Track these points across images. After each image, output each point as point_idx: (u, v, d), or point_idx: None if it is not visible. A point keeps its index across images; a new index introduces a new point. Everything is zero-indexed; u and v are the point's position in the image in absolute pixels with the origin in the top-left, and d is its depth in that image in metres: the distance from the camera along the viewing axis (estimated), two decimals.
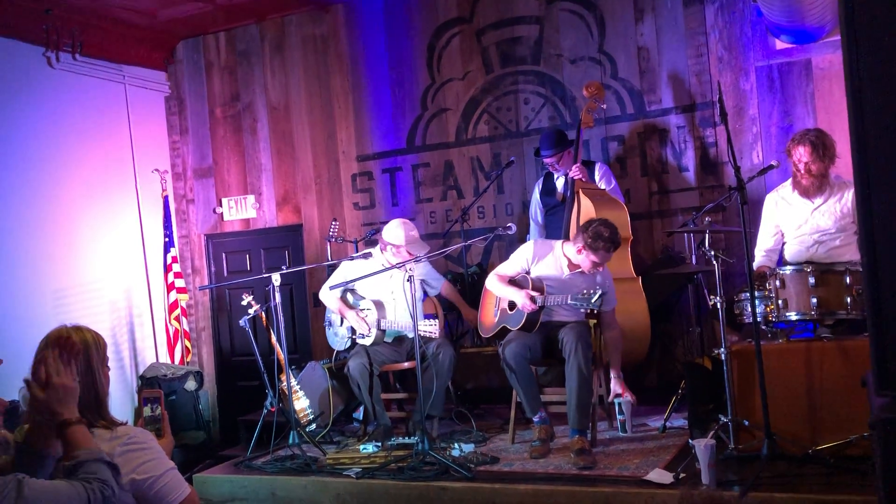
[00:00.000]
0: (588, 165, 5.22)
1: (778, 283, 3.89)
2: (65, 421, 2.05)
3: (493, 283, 4.63)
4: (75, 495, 1.89)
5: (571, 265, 4.46)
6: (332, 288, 5.07)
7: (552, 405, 4.67)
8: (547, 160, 5.23)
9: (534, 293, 4.31)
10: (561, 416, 4.64)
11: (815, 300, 3.80)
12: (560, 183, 5.33)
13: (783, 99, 5.22)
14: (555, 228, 5.25)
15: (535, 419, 4.40)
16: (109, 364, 2.47)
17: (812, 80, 5.14)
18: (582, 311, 4.28)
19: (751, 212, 4.56)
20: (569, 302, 4.19)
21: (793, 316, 3.87)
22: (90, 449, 2.02)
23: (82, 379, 2.27)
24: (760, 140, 5.26)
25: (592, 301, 4.01)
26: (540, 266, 4.53)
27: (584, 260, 4.34)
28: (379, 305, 4.93)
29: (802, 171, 4.25)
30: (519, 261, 4.60)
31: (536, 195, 5.46)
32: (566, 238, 4.79)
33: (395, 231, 4.89)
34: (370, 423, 4.97)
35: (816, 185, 4.27)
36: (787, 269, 3.91)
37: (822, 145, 4.23)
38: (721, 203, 4.76)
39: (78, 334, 2.36)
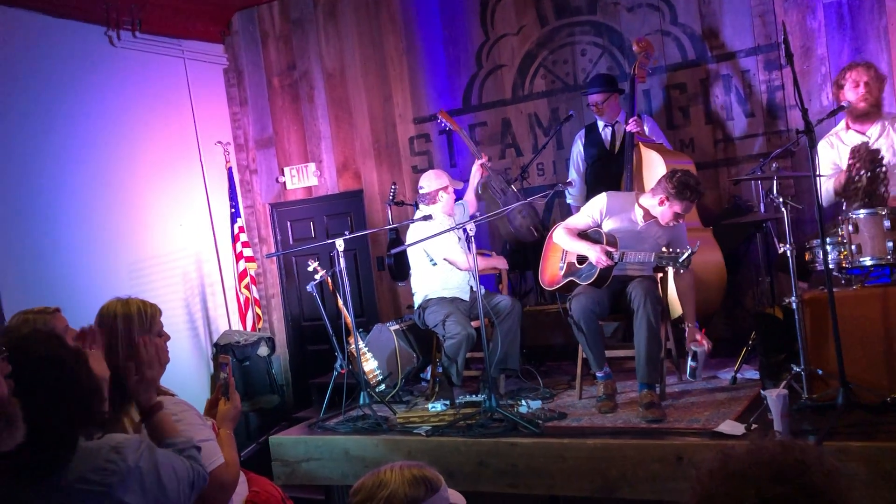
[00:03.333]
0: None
1: (851, 227, 3.75)
2: (151, 408, 2.18)
3: (562, 237, 4.50)
4: (184, 472, 2.04)
5: (647, 216, 4.36)
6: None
7: (618, 361, 4.65)
8: (592, 98, 5.16)
9: (609, 249, 4.23)
10: (627, 373, 4.62)
11: (890, 244, 3.65)
12: (607, 133, 5.25)
13: (854, 36, 4.99)
14: (598, 179, 5.16)
15: (600, 375, 4.38)
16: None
17: (885, 14, 4.89)
18: (670, 268, 4.13)
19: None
20: (651, 261, 4.10)
21: (867, 261, 3.74)
22: (185, 437, 2.16)
23: (123, 347, 2.38)
24: (829, 81, 5.04)
25: (681, 261, 3.90)
26: (612, 220, 4.42)
27: (666, 211, 4.24)
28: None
29: (862, 94, 4.20)
30: (591, 212, 4.47)
31: (579, 146, 5.40)
32: (618, 189, 4.74)
33: (434, 178, 5.03)
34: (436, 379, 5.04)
35: (875, 110, 4.24)
36: (861, 213, 3.77)
37: (875, 67, 4.28)
38: (789, 148, 4.62)
39: (124, 307, 2.47)
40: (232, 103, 7.17)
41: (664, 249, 4.04)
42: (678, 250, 3.96)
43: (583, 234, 4.49)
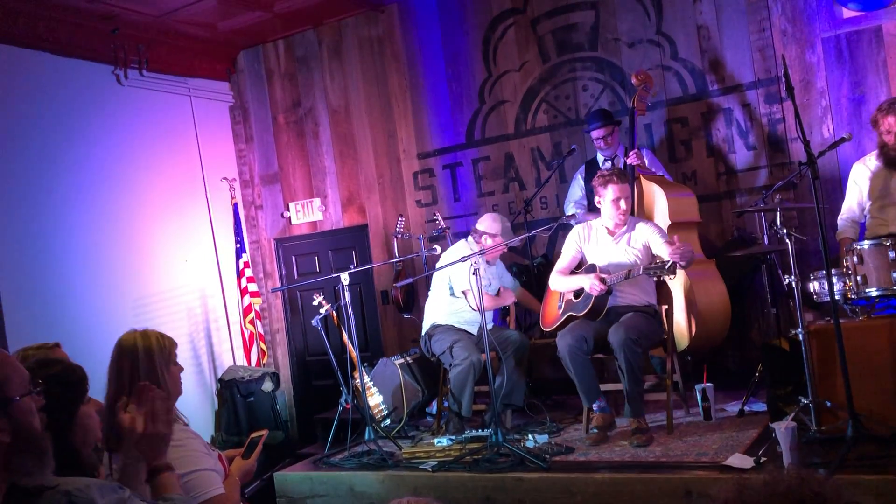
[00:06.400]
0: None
1: (855, 258, 3.76)
2: (156, 467, 2.11)
3: (557, 281, 4.67)
4: None
5: (610, 231, 4.55)
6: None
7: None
8: (596, 133, 5.21)
9: (603, 275, 4.33)
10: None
11: None
12: (607, 167, 5.29)
13: (853, 69, 5.04)
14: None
15: (595, 408, 4.39)
16: (183, 365, 2.60)
17: (883, 48, 4.95)
18: (655, 278, 4.32)
19: (823, 187, 4.44)
20: (641, 273, 4.19)
21: (873, 292, 3.74)
22: (181, 496, 2.11)
23: (144, 377, 2.37)
24: (830, 113, 5.09)
25: (666, 268, 4.00)
26: (590, 245, 4.61)
27: (610, 204, 4.43)
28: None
29: (893, 142, 4.16)
30: (572, 246, 4.67)
31: (580, 181, 5.44)
32: None
33: (491, 222, 4.98)
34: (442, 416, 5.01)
35: None
36: (865, 244, 3.78)
37: None
38: (792, 180, 4.63)
39: (144, 340, 2.46)
40: (237, 140, 7.23)
41: (653, 262, 4.18)
42: (659, 261, 4.13)
43: (575, 272, 4.65)
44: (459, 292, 4.94)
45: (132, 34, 6.09)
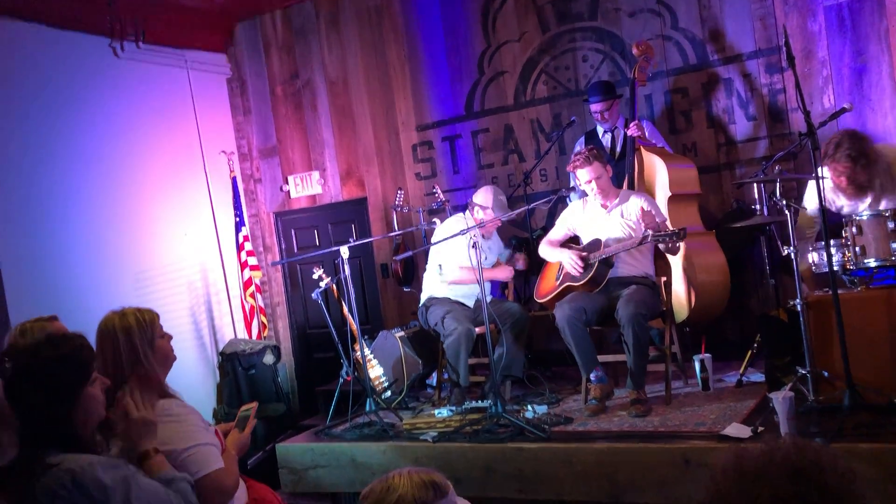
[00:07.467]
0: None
1: (854, 229, 3.76)
2: (144, 452, 2.17)
3: (544, 250, 4.73)
4: (167, 502, 2.04)
5: (603, 204, 4.58)
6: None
7: (622, 364, 4.66)
8: (595, 107, 5.19)
9: (583, 253, 4.32)
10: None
11: (895, 245, 3.66)
12: (607, 139, 5.28)
13: (854, 38, 5.00)
14: None
15: (592, 378, 4.42)
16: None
17: (886, 16, 4.90)
18: (662, 245, 4.34)
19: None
20: (650, 241, 4.19)
21: (872, 262, 3.75)
22: (177, 472, 2.17)
23: (127, 358, 2.39)
24: (831, 83, 5.06)
25: (676, 235, 4.05)
26: (586, 220, 4.64)
27: (589, 185, 4.49)
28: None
29: (846, 186, 4.13)
30: (566, 219, 4.72)
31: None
32: None
33: (484, 195, 5.00)
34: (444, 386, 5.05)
35: (864, 189, 4.14)
36: (864, 215, 3.79)
37: (862, 155, 4.03)
38: (792, 151, 4.62)
39: (122, 320, 2.48)
40: (235, 113, 7.20)
41: (659, 230, 4.19)
42: (669, 229, 4.17)
43: (564, 244, 4.71)
44: (436, 264, 4.97)
45: (129, 6, 6.01)
